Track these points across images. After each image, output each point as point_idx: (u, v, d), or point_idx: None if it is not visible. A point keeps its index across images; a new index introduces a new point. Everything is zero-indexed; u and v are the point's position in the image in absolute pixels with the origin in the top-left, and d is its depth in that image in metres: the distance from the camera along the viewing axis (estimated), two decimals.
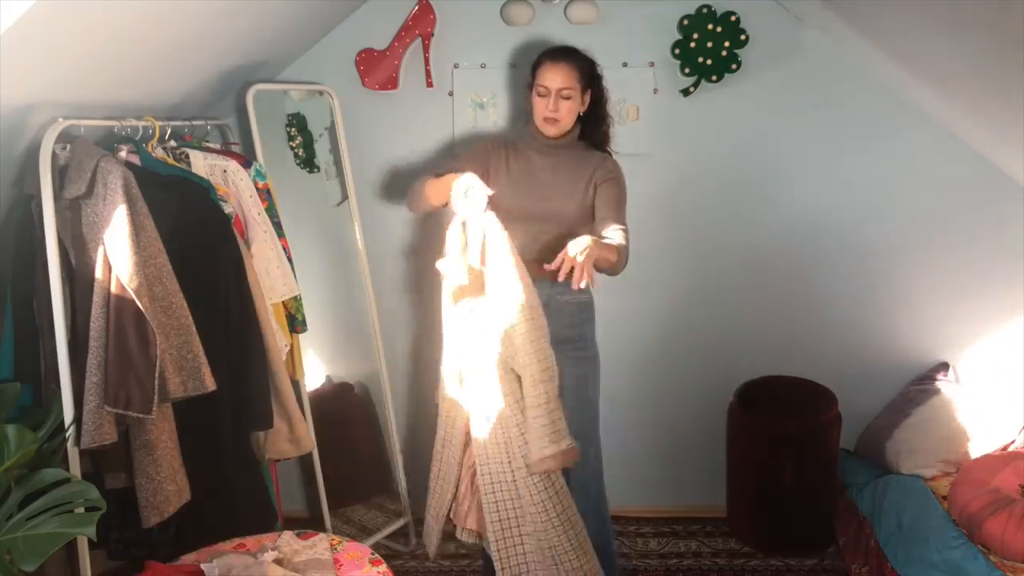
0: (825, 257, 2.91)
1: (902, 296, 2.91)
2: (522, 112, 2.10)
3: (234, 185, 2.28)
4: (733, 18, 2.68)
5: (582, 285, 1.85)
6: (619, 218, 2.14)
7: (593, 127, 2.28)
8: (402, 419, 3.05)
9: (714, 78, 2.74)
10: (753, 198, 2.88)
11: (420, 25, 2.71)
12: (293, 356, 2.49)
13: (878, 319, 2.94)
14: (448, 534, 2.25)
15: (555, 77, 2.14)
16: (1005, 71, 2.04)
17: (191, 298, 1.92)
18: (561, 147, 2.23)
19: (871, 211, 2.86)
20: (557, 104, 2.15)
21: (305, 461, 2.84)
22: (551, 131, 2.19)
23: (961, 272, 2.87)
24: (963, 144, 2.76)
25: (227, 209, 2.19)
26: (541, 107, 2.17)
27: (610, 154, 2.30)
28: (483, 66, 2.78)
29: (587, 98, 2.21)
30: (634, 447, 3.05)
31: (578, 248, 1.87)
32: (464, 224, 1.98)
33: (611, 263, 2.00)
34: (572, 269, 1.85)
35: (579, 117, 2.22)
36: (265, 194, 2.38)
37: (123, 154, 2.01)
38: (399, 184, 2.85)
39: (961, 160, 2.78)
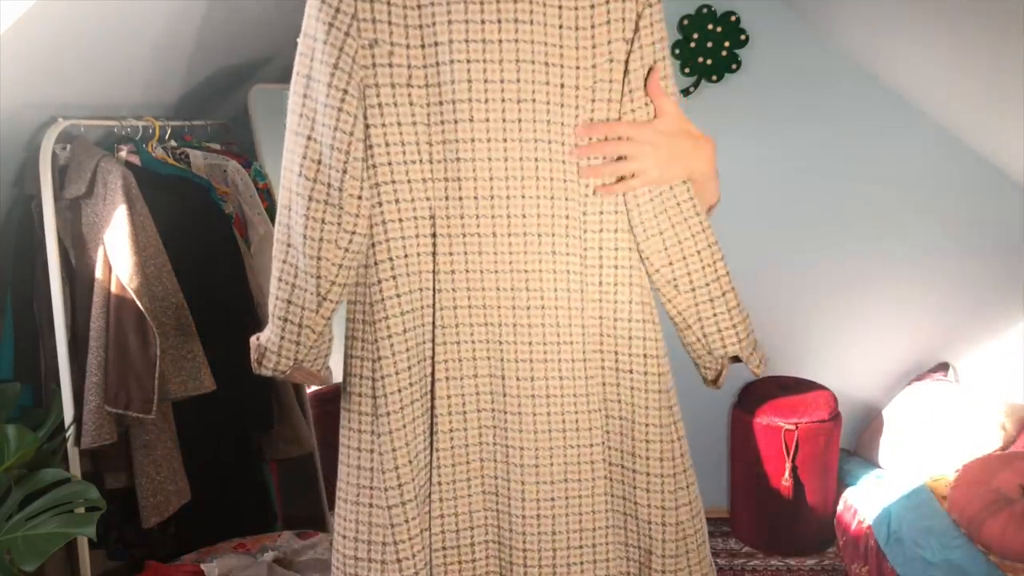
0: (825, 257, 2.91)
1: (902, 296, 2.91)
2: None
3: (234, 185, 2.27)
4: (733, 18, 2.68)
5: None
6: None
7: None
8: None
9: (714, 78, 2.74)
10: (752, 198, 2.88)
11: None
12: None
13: (878, 319, 2.94)
14: None
15: None
16: (1005, 71, 2.04)
17: (191, 298, 1.92)
18: None
19: (871, 211, 2.86)
20: None
21: (305, 461, 2.83)
22: None
23: (961, 272, 2.87)
24: (963, 144, 2.76)
25: (227, 209, 2.19)
26: None
27: None
28: None
29: None
30: None
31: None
32: None
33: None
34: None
35: None
36: (265, 194, 2.38)
37: (123, 154, 2.00)
38: None
39: (961, 160, 2.78)
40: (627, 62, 1.08)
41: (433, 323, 1.11)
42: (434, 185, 1.08)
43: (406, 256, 1.09)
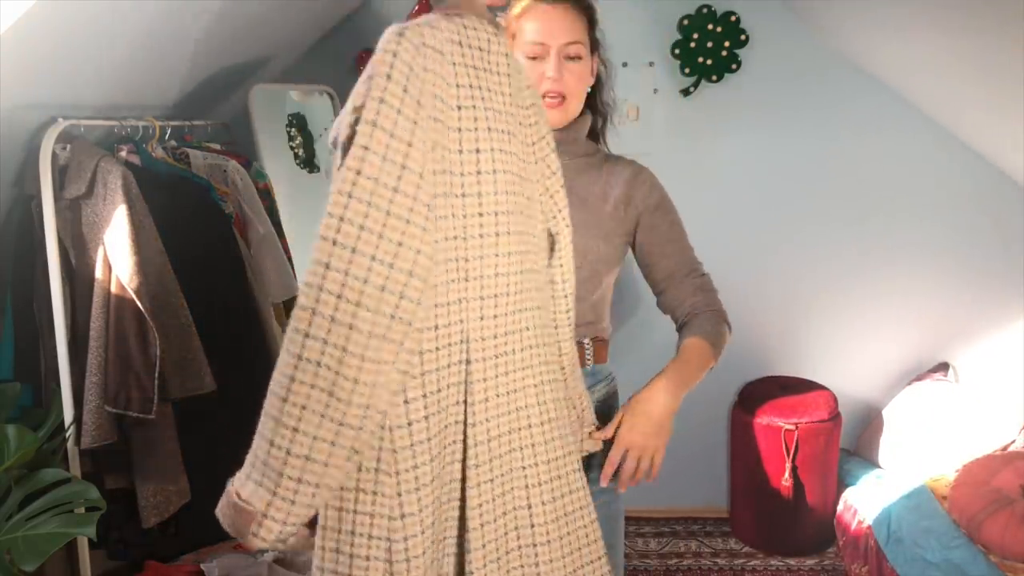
0: (825, 256, 2.91)
1: (902, 296, 2.91)
2: None
3: (234, 185, 2.27)
4: (733, 18, 2.68)
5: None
6: (691, 262, 1.53)
7: (593, 113, 1.49)
8: None
9: (714, 78, 2.74)
10: (752, 197, 2.88)
11: None
12: None
13: (878, 319, 2.94)
14: None
15: (556, 27, 1.33)
16: (1005, 70, 2.04)
17: (191, 298, 1.92)
18: (569, 145, 1.41)
19: (871, 211, 2.86)
20: (561, 69, 1.34)
21: None
22: (555, 116, 1.36)
23: (961, 272, 2.87)
24: (963, 144, 2.76)
25: (227, 209, 2.19)
26: (535, 76, 1.34)
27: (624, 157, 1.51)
28: None
29: (595, 65, 1.44)
30: None
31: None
32: None
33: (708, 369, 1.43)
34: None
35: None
36: (265, 194, 2.38)
37: (123, 154, 2.01)
38: None
39: (961, 160, 2.78)
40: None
41: (464, 461, 0.98)
42: (468, 305, 0.97)
43: (438, 391, 0.94)
